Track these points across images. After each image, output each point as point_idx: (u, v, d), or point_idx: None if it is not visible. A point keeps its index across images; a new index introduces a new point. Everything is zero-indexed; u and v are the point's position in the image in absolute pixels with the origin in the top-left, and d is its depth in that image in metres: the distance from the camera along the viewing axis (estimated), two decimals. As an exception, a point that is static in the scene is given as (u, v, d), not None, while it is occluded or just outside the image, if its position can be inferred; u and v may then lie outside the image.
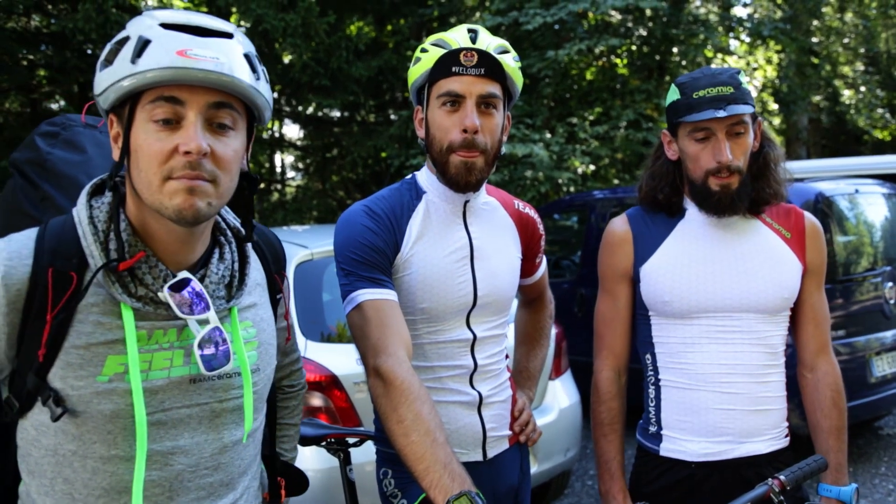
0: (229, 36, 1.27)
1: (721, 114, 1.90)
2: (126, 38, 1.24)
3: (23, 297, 1.22)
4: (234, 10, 9.74)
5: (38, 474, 1.29)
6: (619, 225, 2.16)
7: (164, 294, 1.27)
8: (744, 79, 1.98)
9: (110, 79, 1.23)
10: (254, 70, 1.28)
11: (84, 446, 1.26)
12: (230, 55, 1.23)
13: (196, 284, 1.31)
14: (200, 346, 1.30)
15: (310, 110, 12.76)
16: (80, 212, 1.30)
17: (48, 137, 1.59)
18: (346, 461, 2.48)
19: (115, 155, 1.30)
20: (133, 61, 1.20)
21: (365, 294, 1.79)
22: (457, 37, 1.87)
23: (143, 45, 1.20)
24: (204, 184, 1.23)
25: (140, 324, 1.27)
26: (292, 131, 16.09)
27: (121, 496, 1.28)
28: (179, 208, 1.22)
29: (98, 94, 1.27)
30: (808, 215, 2.14)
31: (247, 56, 1.28)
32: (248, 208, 1.44)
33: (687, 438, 2.05)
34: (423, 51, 1.91)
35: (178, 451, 1.31)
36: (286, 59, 10.59)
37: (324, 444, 2.46)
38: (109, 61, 1.24)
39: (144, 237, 1.31)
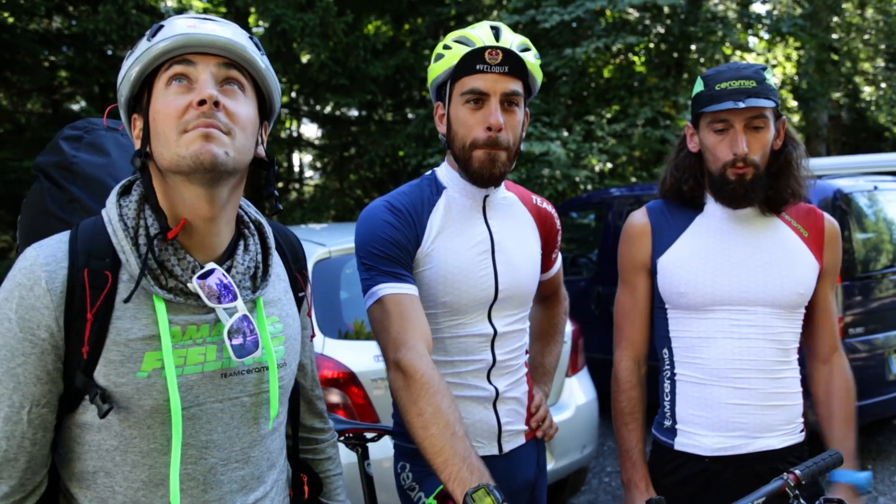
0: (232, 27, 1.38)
1: (740, 105, 1.92)
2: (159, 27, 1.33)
3: (64, 299, 1.25)
4: (252, 10, 9.82)
5: (79, 469, 1.32)
6: (639, 217, 2.20)
7: (194, 284, 1.31)
8: (769, 75, 2.00)
9: (128, 63, 1.32)
10: (259, 50, 1.38)
11: (125, 441, 1.29)
12: (235, 32, 1.34)
13: (223, 275, 1.34)
14: (229, 336, 1.33)
15: (328, 109, 12.83)
16: (109, 211, 1.33)
17: (72, 141, 1.63)
18: (363, 456, 2.50)
19: (138, 144, 1.35)
20: (149, 40, 1.30)
21: (386, 288, 1.81)
22: (480, 34, 1.88)
23: (158, 28, 1.31)
24: (218, 132, 1.27)
25: (173, 318, 1.30)
26: (310, 131, 16.17)
27: (157, 489, 1.31)
28: (196, 154, 1.25)
29: (119, 83, 1.35)
30: (827, 217, 2.15)
31: (251, 38, 1.38)
32: (269, 181, 1.47)
33: (701, 433, 2.06)
34: (446, 48, 1.92)
35: (212, 444, 1.34)
36: (304, 59, 10.65)
37: (342, 438, 2.48)
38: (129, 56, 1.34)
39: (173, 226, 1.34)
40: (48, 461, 1.32)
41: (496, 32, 1.89)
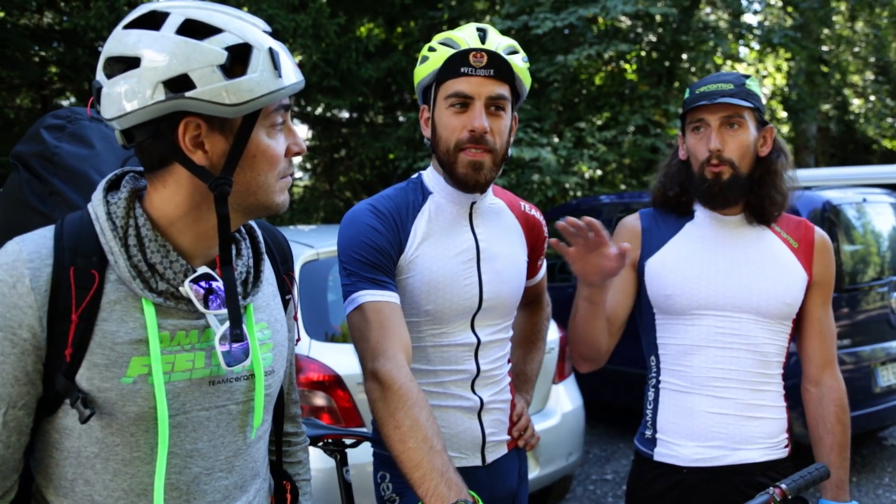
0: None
1: (716, 101, 1.96)
2: (245, 46, 1.21)
3: (48, 298, 1.20)
4: (245, 9, 9.77)
5: (56, 476, 1.28)
6: (631, 220, 2.22)
7: (186, 288, 1.26)
8: (752, 83, 2.01)
9: (261, 89, 1.20)
10: None
11: (107, 448, 1.24)
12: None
13: (214, 280, 1.29)
14: (220, 342, 1.29)
15: (318, 111, 12.76)
16: (96, 208, 1.27)
17: (54, 130, 1.56)
18: (342, 462, 2.46)
19: (187, 145, 1.24)
20: (279, 75, 1.23)
21: (366, 295, 1.77)
22: (465, 36, 1.85)
23: (275, 57, 1.24)
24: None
25: (162, 323, 1.25)
26: (300, 132, 15.94)
27: (139, 499, 1.26)
28: (285, 202, 1.33)
29: (246, 101, 1.20)
30: (818, 229, 2.15)
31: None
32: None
33: (680, 443, 2.05)
34: (431, 49, 1.89)
35: (196, 453, 1.30)
36: (296, 60, 10.61)
37: (321, 444, 2.44)
38: (242, 71, 1.20)
39: (166, 232, 1.29)
40: (20, 466, 1.27)
41: (482, 35, 1.85)
